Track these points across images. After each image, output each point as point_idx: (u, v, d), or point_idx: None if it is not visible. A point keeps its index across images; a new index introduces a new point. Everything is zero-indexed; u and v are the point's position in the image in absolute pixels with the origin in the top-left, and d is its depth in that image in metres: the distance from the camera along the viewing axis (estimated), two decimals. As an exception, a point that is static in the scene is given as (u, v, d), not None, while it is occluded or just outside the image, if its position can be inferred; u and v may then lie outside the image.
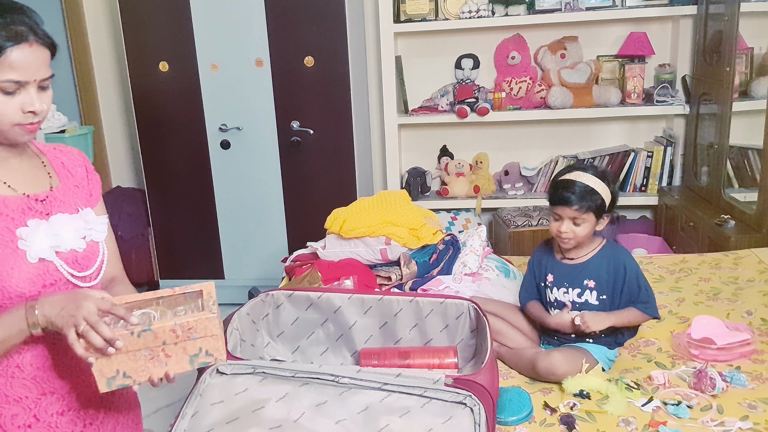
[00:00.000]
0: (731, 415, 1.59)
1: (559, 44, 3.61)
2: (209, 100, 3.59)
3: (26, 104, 1.10)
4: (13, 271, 1.12)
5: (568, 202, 1.83)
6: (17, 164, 1.21)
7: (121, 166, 4.20)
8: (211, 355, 1.14)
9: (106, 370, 1.11)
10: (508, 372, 1.86)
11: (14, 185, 1.18)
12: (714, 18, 3.14)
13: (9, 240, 1.13)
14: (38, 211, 1.19)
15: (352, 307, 1.61)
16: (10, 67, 1.07)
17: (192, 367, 1.15)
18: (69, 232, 1.19)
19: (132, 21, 3.52)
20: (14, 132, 1.12)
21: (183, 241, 3.86)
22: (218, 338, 1.14)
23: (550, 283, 1.94)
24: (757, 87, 3.13)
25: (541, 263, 1.99)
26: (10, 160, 1.19)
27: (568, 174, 1.89)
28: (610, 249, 1.92)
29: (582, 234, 1.86)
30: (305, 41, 3.44)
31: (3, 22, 1.06)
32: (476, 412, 1.23)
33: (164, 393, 3.00)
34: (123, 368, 1.11)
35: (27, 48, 1.08)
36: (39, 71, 1.10)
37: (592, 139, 3.76)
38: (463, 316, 1.57)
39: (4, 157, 1.18)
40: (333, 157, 3.61)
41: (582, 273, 1.89)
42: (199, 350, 1.14)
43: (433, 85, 3.79)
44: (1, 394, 1.16)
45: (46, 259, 1.15)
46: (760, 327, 2.03)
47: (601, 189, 1.84)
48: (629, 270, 1.86)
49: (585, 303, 1.88)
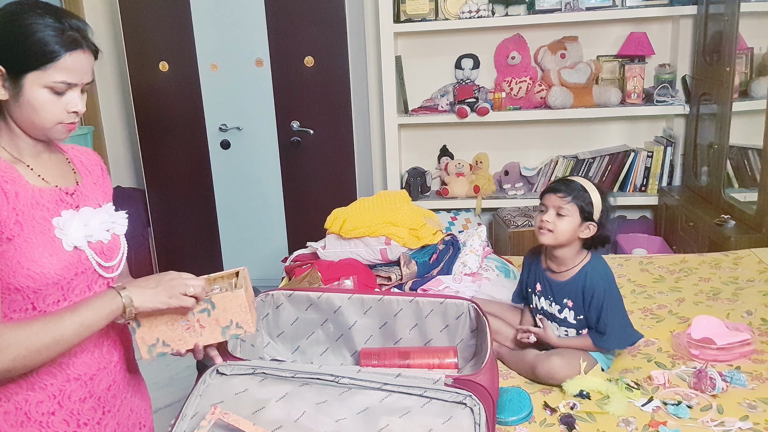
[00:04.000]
0: (731, 415, 1.59)
1: (559, 44, 3.61)
2: (209, 100, 3.59)
3: (71, 104, 1.18)
4: (51, 258, 1.17)
5: (555, 190, 1.83)
6: (48, 159, 1.27)
7: (121, 166, 4.20)
8: (241, 327, 1.26)
9: (147, 338, 1.24)
10: (508, 372, 1.86)
11: (47, 178, 1.24)
12: (714, 18, 3.15)
13: (46, 229, 1.18)
14: (69, 204, 1.25)
15: (352, 307, 1.60)
16: (65, 70, 1.15)
17: (224, 337, 1.27)
18: (96, 223, 1.25)
19: (132, 21, 3.52)
20: (56, 130, 1.20)
21: (183, 241, 3.86)
22: (247, 312, 1.26)
23: (539, 292, 1.93)
24: (757, 87, 3.13)
25: (530, 269, 1.97)
26: (43, 155, 1.26)
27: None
28: (590, 270, 1.83)
29: (562, 229, 1.79)
30: (305, 41, 3.44)
31: (61, 27, 1.15)
32: (476, 412, 1.23)
33: (164, 393, 3.00)
34: (163, 337, 1.24)
35: (81, 54, 1.17)
36: (86, 75, 1.19)
37: (592, 139, 3.76)
38: (463, 316, 1.57)
39: (38, 152, 1.25)
40: (333, 157, 3.61)
41: (563, 291, 1.86)
42: (230, 322, 1.26)
43: (433, 85, 3.79)
44: (28, 382, 1.19)
45: (79, 247, 1.21)
46: (760, 327, 2.03)
47: (593, 193, 1.82)
48: (596, 297, 1.79)
49: (564, 320, 1.88)
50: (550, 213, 1.82)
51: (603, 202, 1.82)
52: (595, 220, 1.81)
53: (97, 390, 1.28)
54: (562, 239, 1.82)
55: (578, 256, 1.86)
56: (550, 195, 1.84)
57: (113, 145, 4.16)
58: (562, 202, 1.81)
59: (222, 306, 1.24)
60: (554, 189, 1.84)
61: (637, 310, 2.20)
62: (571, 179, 1.86)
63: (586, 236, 1.82)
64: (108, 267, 1.28)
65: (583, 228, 1.81)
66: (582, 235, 1.82)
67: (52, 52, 1.13)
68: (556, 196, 1.82)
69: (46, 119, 1.17)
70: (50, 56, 1.13)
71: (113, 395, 1.32)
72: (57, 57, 1.13)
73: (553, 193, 1.83)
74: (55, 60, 1.13)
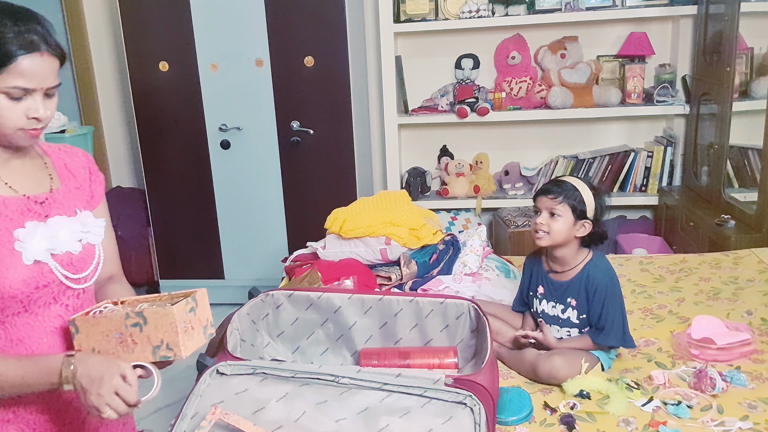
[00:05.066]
0: (731, 415, 1.59)
1: (559, 44, 3.61)
2: (209, 100, 3.59)
3: (31, 110, 1.12)
4: (8, 272, 1.13)
5: (546, 192, 1.83)
6: (19, 165, 1.22)
7: (121, 166, 4.20)
8: (171, 349, 1.15)
9: (84, 345, 1.18)
10: (508, 372, 1.86)
11: (15, 186, 1.20)
12: (714, 18, 3.14)
13: (6, 241, 1.14)
14: (37, 213, 1.20)
15: (352, 307, 1.60)
16: (20, 75, 1.09)
17: (154, 357, 1.16)
18: (66, 234, 1.20)
19: (132, 21, 3.52)
20: (17, 136, 1.15)
21: (183, 241, 3.85)
22: (176, 333, 1.13)
23: (541, 295, 1.93)
24: (757, 87, 3.13)
25: (532, 273, 1.97)
26: (12, 161, 1.21)
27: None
28: (592, 267, 1.85)
29: (557, 230, 1.80)
30: (305, 41, 3.44)
31: (17, 30, 1.08)
32: (476, 412, 1.23)
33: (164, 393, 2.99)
34: (98, 347, 1.17)
35: (38, 58, 1.10)
36: (47, 80, 1.12)
37: (592, 139, 3.76)
38: (463, 316, 1.57)
39: (6, 158, 1.20)
40: (333, 157, 3.61)
41: (566, 291, 1.86)
42: (161, 342, 1.15)
43: (433, 85, 3.79)
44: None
45: (41, 261, 1.17)
46: (760, 327, 2.03)
47: (585, 192, 1.82)
48: (598, 294, 1.80)
49: (567, 320, 1.88)
50: (544, 215, 1.83)
51: (596, 199, 1.83)
52: (589, 218, 1.82)
53: (57, 403, 1.25)
54: (558, 240, 1.83)
55: (579, 254, 1.87)
56: (542, 197, 1.85)
57: (113, 145, 4.16)
58: (553, 203, 1.81)
59: (153, 323, 1.14)
60: (545, 191, 1.85)
61: (637, 310, 2.20)
62: (563, 179, 1.87)
63: (582, 234, 1.83)
64: (78, 279, 1.23)
65: (578, 227, 1.82)
66: (578, 233, 1.83)
67: (5, 55, 1.07)
68: (548, 198, 1.83)
69: (4, 125, 1.12)
70: (3, 60, 1.07)
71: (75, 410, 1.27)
72: (11, 60, 1.07)
73: (545, 195, 1.84)
74: (9, 63, 1.07)
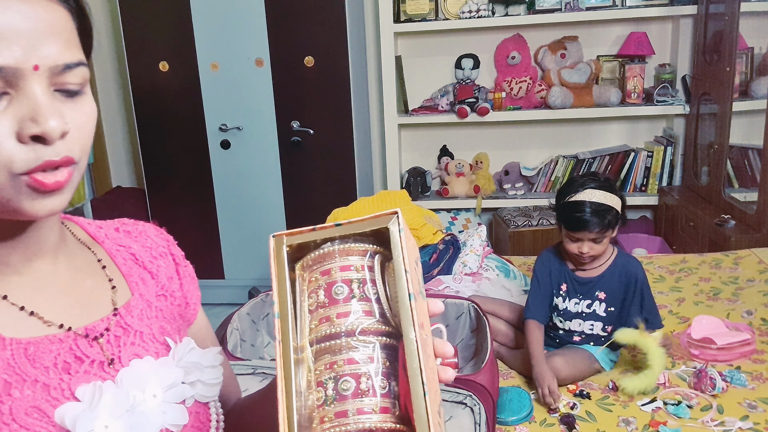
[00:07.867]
0: (731, 414, 1.59)
1: (559, 44, 3.61)
2: (209, 99, 3.59)
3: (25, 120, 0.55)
4: None
5: (588, 227, 1.80)
6: (50, 272, 0.64)
7: (121, 166, 4.19)
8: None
9: None
10: (508, 372, 1.86)
11: (46, 313, 0.62)
12: (714, 18, 3.14)
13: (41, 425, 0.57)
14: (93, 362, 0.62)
15: (352, 307, 1.60)
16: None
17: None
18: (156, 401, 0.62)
19: (132, 21, 3.52)
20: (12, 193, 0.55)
21: (183, 241, 3.81)
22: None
23: (564, 293, 1.93)
24: (757, 87, 3.13)
25: (551, 273, 1.95)
26: (35, 265, 0.63)
27: (576, 195, 1.84)
28: (623, 259, 1.91)
29: (602, 249, 1.86)
30: (305, 41, 3.44)
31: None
32: (476, 411, 1.23)
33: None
34: None
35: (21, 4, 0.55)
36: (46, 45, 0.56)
37: (592, 139, 3.76)
38: (463, 316, 1.57)
39: (22, 259, 0.62)
40: (333, 157, 3.61)
41: (596, 286, 1.89)
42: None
43: (433, 85, 3.79)
44: None
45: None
46: (760, 327, 2.03)
47: (614, 202, 1.84)
48: (639, 282, 1.86)
49: (592, 313, 1.89)
50: (588, 245, 1.84)
51: (619, 198, 1.87)
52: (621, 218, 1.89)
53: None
54: (602, 253, 1.89)
55: (608, 250, 1.92)
56: (585, 232, 1.82)
57: (113, 145, 4.16)
58: (597, 235, 1.82)
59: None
60: (585, 226, 1.81)
61: (637, 310, 2.20)
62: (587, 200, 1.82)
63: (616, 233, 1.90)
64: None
65: (615, 232, 1.88)
66: (613, 234, 1.89)
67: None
68: (591, 233, 1.81)
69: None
70: None
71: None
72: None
73: (587, 231, 1.81)
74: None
